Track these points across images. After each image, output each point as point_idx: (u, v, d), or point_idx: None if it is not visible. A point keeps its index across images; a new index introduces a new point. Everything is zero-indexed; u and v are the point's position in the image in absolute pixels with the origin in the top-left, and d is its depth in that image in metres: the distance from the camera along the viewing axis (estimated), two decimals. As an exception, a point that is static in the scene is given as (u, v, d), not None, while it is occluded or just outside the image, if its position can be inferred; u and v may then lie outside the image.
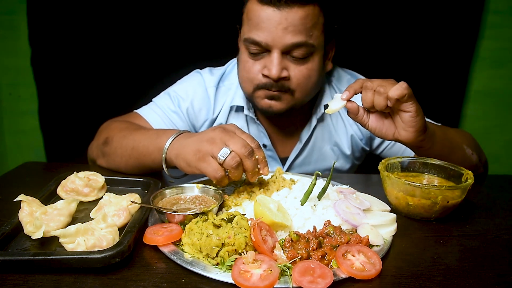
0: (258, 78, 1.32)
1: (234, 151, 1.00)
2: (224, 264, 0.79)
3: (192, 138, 1.09)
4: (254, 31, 1.27)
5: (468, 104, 2.59)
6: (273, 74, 1.26)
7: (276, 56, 1.26)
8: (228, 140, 1.02)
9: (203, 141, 1.04)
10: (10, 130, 2.74)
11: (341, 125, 1.55)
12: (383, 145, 1.58)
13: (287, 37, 1.23)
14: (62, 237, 0.82)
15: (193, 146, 1.06)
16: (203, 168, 1.03)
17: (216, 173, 1.01)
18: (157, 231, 0.88)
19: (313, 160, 1.56)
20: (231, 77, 1.55)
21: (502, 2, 2.39)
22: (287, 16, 1.22)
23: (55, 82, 2.51)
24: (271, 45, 1.25)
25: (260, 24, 1.25)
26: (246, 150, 1.01)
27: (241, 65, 1.37)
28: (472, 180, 1.04)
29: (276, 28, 1.23)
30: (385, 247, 0.89)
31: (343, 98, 1.11)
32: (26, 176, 1.29)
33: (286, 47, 1.25)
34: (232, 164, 1.00)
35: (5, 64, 2.58)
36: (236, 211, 0.91)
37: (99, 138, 1.39)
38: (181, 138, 1.13)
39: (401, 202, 1.05)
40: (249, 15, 1.29)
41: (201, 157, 1.03)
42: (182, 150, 1.08)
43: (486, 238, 0.97)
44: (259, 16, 1.24)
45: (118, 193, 1.02)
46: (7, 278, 0.75)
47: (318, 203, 1.00)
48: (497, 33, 2.44)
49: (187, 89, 1.52)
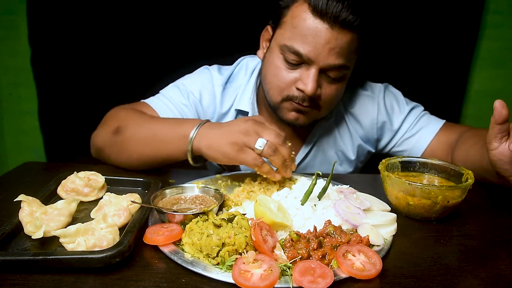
0: (290, 90, 1.29)
1: (269, 141, 1.06)
2: (224, 264, 0.79)
3: (221, 129, 1.11)
4: (298, 41, 1.22)
5: (468, 104, 2.59)
6: (308, 90, 1.23)
7: (314, 72, 1.23)
8: (262, 132, 1.08)
9: (238, 133, 1.07)
10: (10, 130, 2.74)
11: (347, 134, 1.54)
12: (390, 145, 1.58)
13: (331, 58, 1.21)
14: (62, 237, 0.82)
15: (227, 138, 1.08)
16: (243, 159, 1.08)
17: (257, 161, 1.08)
18: (158, 231, 0.88)
19: (317, 163, 1.55)
20: (238, 78, 1.51)
21: (502, 2, 2.39)
22: (337, 37, 1.19)
23: (55, 82, 2.51)
24: (313, 61, 1.22)
25: (308, 36, 1.20)
26: (280, 139, 1.08)
27: (272, 70, 1.32)
28: (472, 180, 1.04)
29: (323, 46, 1.20)
30: (385, 247, 0.89)
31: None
32: (26, 176, 1.29)
33: (327, 66, 1.23)
34: (270, 153, 1.07)
35: (5, 64, 2.58)
36: (237, 211, 0.91)
37: (107, 127, 1.32)
38: (206, 127, 1.13)
39: (401, 202, 1.05)
40: (295, 21, 1.23)
41: (240, 149, 1.07)
42: (215, 141, 1.10)
43: (486, 238, 0.97)
44: (309, 28, 1.20)
45: (118, 193, 1.02)
46: (7, 278, 0.75)
47: (319, 203, 1.00)
48: (497, 33, 2.44)
49: (196, 83, 1.48)
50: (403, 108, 1.54)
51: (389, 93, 1.56)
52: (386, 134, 1.56)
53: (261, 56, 1.42)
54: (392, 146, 1.58)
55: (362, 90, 1.54)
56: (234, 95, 1.50)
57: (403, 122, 1.53)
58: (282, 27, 1.28)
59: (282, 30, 1.28)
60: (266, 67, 1.36)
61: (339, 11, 1.16)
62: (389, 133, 1.55)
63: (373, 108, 1.52)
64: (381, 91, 1.54)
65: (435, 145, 1.48)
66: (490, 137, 0.98)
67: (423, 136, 1.50)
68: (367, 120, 1.53)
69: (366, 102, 1.53)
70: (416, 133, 1.52)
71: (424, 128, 1.51)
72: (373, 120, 1.52)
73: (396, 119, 1.53)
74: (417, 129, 1.52)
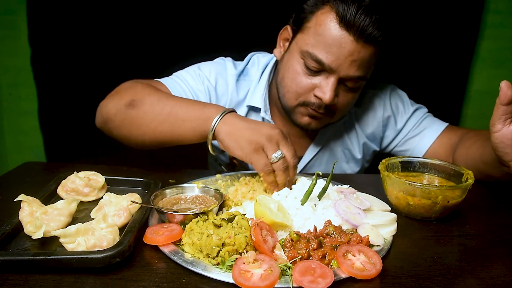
0: (307, 96, 1.29)
1: (285, 157, 1.07)
2: (224, 264, 0.79)
3: (248, 123, 1.10)
4: (322, 50, 1.21)
5: (468, 104, 2.59)
6: (327, 99, 1.24)
7: (333, 82, 1.23)
8: (284, 146, 1.08)
9: (262, 135, 1.07)
10: (10, 130, 2.73)
11: (354, 133, 1.55)
12: (393, 144, 1.59)
13: (352, 69, 1.22)
14: (63, 237, 0.82)
15: (250, 134, 1.08)
16: (255, 160, 1.07)
17: (266, 168, 1.07)
18: (158, 231, 0.88)
19: (324, 161, 1.56)
20: (251, 74, 1.50)
21: (502, 2, 2.39)
22: (360, 50, 1.19)
23: (55, 82, 2.51)
24: (334, 71, 1.22)
25: (332, 46, 1.19)
26: (295, 161, 1.09)
27: (291, 74, 1.30)
28: (472, 180, 1.04)
29: (346, 58, 1.20)
30: (386, 247, 0.89)
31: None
32: (26, 176, 1.29)
33: (346, 77, 1.23)
34: (281, 168, 1.06)
35: (5, 64, 2.58)
36: (237, 211, 0.91)
37: (121, 98, 1.26)
38: (231, 116, 1.13)
39: (402, 202, 1.05)
40: (320, 29, 1.21)
41: (256, 149, 1.06)
42: (237, 132, 1.09)
43: (486, 238, 0.97)
44: (334, 38, 1.19)
45: (118, 193, 1.02)
46: (7, 278, 0.75)
47: (319, 203, 1.00)
48: (497, 33, 2.44)
49: (212, 71, 1.46)
50: (407, 108, 1.55)
51: (395, 94, 1.57)
52: (390, 132, 1.57)
53: (278, 55, 1.42)
54: (395, 145, 1.58)
55: (369, 89, 1.55)
56: (246, 89, 1.48)
57: (406, 122, 1.55)
58: (305, 32, 1.26)
59: (305, 35, 1.26)
60: (284, 70, 1.34)
61: (367, 26, 1.16)
62: (393, 132, 1.56)
63: (380, 106, 1.54)
64: (388, 91, 1.56)
65: (437, 146, 1.49)
66: (494, 119, 0.97)
67: (426, 136, 1.51)
68: (373, 118, 1.54)
69: (373, 101, 1.54)
70: (419, 134, 1.53)
71: (427, 129, 1.52)
72: (379, 117, 1.54)
73: (400, 118, 1.55)
74: (420, 129, 1.53)
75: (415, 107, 1.56)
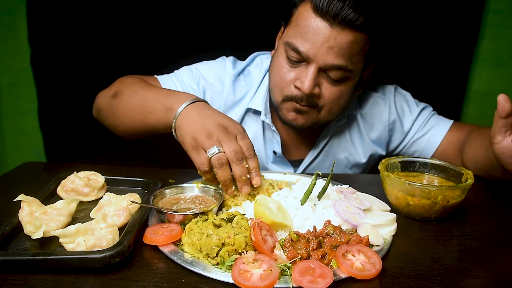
0: (289, 89, 1.29)
1: (224, 153, 1.02)
2: (224, 264, 0.79)
3: (200, 117, 1.07)
4: (299, 38, 1.22)
5: (468, 104, 2.59)
6: (305, 88, 1.23)
7: (312, 71, 1.22)
8: (224, 142, 1.03)
9: (203, 131, 1.05)
10: (10, 130, 2.73)
11: (358, 138, 1.54)
12: (401, 146, 1.58)
13: (330, 57, 1.21)
14: (62, 237, 0.82)
15: (194, 129, 1.06)
16: (193, 157, 1.06)
17: (202, 166, 1.05)
18: (157, 231, 0.88)
19: (326, 165, 1.54)
20: (252, 75, 1.50)
21: (502, 2, 2.39)
22: (336, 36, 1.18)
23: (55, 82, 2.50)
24: (311, 59, 1.22)
25: (307, 33, 1.20)
26: (235, 156, 1.02)
27: (276, 68, 1.32)
28: (472, 180, 1.04)
29: (322, 44, 1.19)
30: (385, 247, 0.89)
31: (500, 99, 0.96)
32: (26, 176, 1.29)
33: (325, 65, 1.22)
34: (216, 164, 1.03)
35: (5, 64, 2.57)
36: (236, 211, 0.91)
37: (110, 89, 1.35)
38: (196, 107, 1.11)
39: (401, 202, 1.05)
40: (298, 19, 1.24)
41: (195, 146, 1.05)
42: (186, 125, 1.08)
43: (486, 238, 0.97)
44: (309, 26, 1.20)
45: (118, 193, 1.02)
46: (7, 278, 0.75)
47: (318, 203, 1.00)
48: (497, 33, 2.44)
49: (210, 70, 1.48)
50: (413, 109, 1.54)
51: (399, 95, 1.56)
52: (397, 136, 1.55)
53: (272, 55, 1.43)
54: (403, 147, 1.57)
55: (372, 92, 1.54)
56: (245, 90, 1.48)
57: (413, 123, 1.53)
58: (289, 25, 1.29)
59: (288, 28, 1.29)
60: (271, 66, 1.36)
61: (339, 10, 1.16)
62: (400, 135, 1.55)
63: (385, 110, 1.52)
64: (391, 93, 1.55)
65: (445, 145, 1.48)
66: (494, 131, 0.99)
67: (434, 136, 1.50)
68: (379, 122, 1.53)
69: (377, 104, 1.53)
70: (426, 133, 1.52)
71: (434, 128, 1.51)
72: (385, 121, 1.52)
73: (407, 120, 1.53)
74: (427, 129, 1.52)
75: (420, 107, 1.55)
